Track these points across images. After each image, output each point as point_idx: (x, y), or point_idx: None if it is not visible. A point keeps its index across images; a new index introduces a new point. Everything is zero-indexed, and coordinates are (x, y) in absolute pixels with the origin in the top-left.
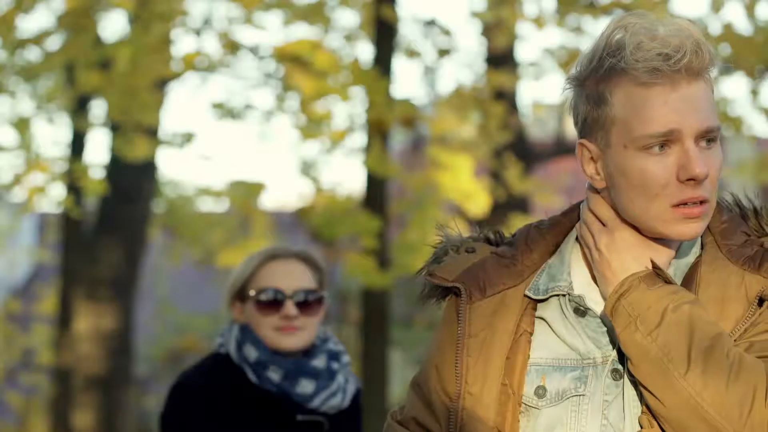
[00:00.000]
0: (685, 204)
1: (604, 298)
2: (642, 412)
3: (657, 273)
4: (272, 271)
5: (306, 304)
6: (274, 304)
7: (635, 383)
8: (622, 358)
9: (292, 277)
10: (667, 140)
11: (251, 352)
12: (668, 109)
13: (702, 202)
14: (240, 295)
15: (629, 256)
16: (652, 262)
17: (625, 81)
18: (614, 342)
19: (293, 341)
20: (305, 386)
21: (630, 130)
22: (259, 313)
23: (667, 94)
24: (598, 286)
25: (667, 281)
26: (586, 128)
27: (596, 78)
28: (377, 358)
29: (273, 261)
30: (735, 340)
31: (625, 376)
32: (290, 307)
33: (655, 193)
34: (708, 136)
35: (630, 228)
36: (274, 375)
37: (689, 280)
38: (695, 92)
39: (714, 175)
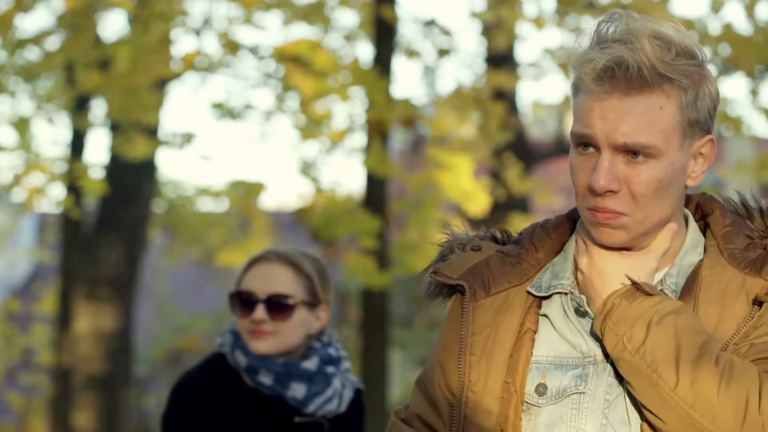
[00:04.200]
0: (596, 209)
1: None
2: (643, 421)
3: (636, 287)
4: (253, 274)
5: (277, 309)
6: (246, 306)
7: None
8: None
9: (268, 281)
10: (586, 143)
11: (241, 359)
12: (593, 116)
13: (612, 213)
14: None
15: (610, 272)
16: (628, 277)
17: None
18: None
19: (263, 346)
20: (296, 390)
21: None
22: (236, 316)
23: (598, 102)
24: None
25: (649, 293)
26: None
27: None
28: (377, 357)
29: (257, 264)
30: (736, 343)
31: None
32: (259, 311)
33: (578, 192)
34: (629, 150)
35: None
36: (266, 379)
37: (690, 284)
38: (628, 106)
39: (636, 190)
